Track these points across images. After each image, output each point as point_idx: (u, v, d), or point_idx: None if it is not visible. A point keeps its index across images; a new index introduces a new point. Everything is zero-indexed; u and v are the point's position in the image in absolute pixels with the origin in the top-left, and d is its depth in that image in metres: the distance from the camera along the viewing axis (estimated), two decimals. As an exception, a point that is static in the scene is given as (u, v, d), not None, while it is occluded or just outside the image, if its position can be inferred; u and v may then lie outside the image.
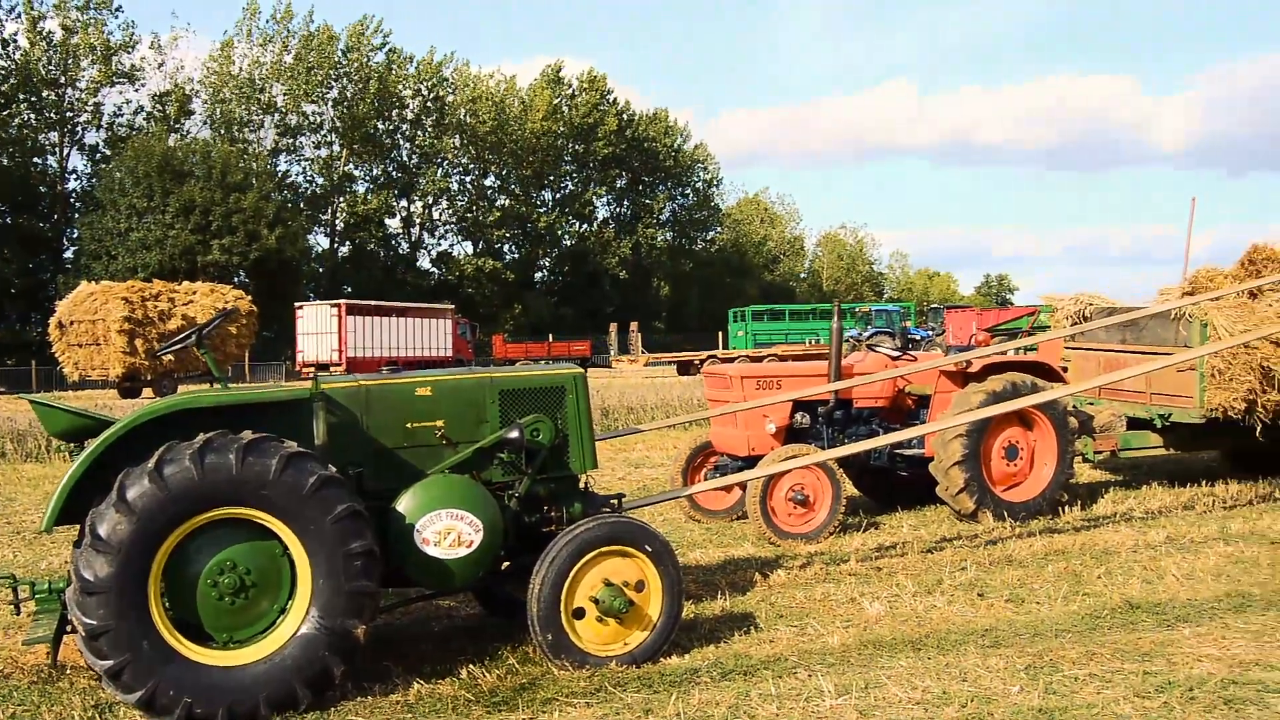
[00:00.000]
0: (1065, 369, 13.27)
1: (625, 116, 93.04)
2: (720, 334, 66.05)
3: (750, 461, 10.83)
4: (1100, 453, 12.82)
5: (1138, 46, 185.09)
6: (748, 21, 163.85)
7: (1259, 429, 12.17)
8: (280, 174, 77.87)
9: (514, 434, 6.71)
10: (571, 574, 6.40)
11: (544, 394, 7.07)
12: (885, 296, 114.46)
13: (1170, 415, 12.55)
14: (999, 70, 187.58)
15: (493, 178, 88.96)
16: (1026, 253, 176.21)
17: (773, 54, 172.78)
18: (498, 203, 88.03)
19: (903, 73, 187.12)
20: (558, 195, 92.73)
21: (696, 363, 51.05)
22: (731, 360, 45.64)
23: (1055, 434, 11.29)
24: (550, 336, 67.87)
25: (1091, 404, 13.45)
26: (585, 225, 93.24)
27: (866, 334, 51.68)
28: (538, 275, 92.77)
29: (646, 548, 6.58)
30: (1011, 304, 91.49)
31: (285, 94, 77.22)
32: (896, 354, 12.19)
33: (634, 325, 66.88)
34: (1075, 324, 13.51)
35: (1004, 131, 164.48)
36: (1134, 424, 13.13)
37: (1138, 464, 15.08)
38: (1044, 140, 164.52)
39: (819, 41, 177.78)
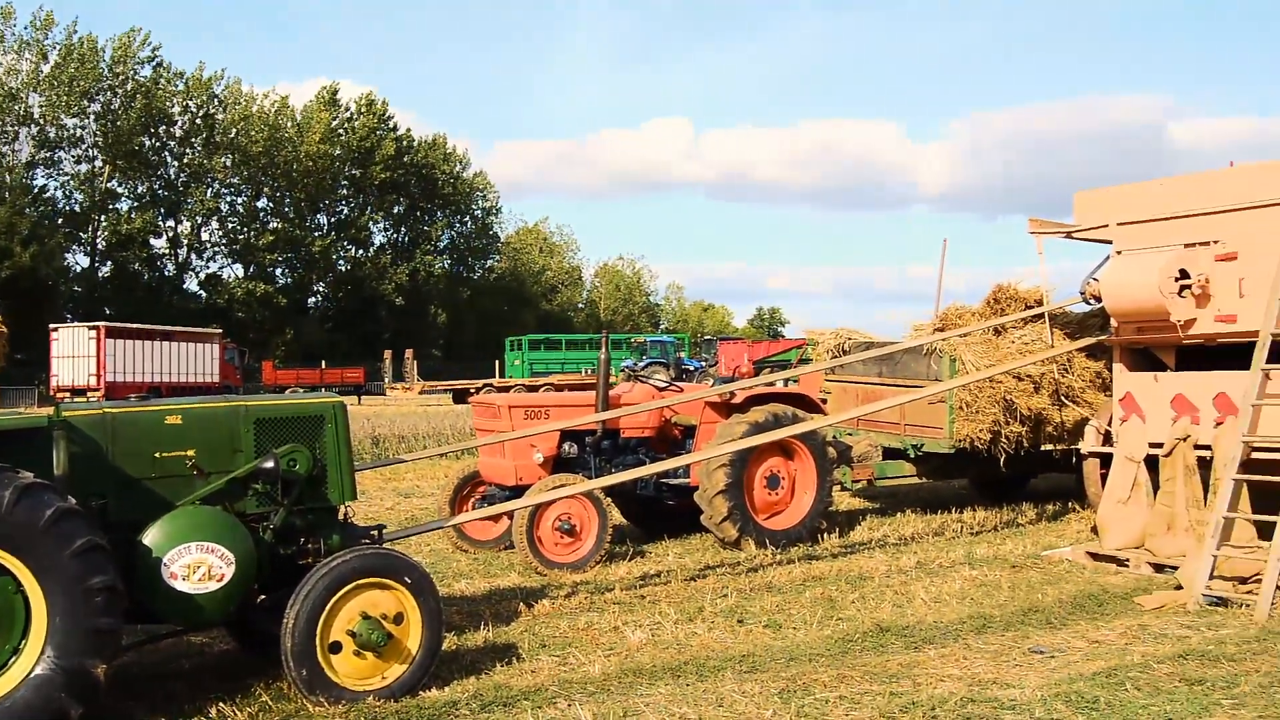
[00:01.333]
0: (825, 400, 13.72)
1: (404, 142, 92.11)
2: (497, 362, 65.81)
3: (518, 491, 10.81)
4: (858, 481, 13.30)
5: (901, 94, 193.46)
6: (528, 54, 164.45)
7: (1003, 458, 12.83)
8: (37, 189, 74.14)
9: (269, 464, 6.55)
10: (328, 607, 6.26)
11: (302, 423, 6.91)
12: (661, 328, 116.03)
13: (922, 445, 13.10)
14: (773, 111, 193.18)
15: (265, 199, 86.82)
16: (798, 287, 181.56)
17: (553, 87, 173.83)
18: (270, 225, 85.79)
19: (680, 110, 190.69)
20: (333, 219, 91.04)
21: (473, 391, 50.77)
22: (508, 389, 45.60)
23: (815, 463, 11.65)
24: (323, 363, 66.32)
25: (850, 434, 13.95)
26: (361, 250, 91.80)
27: (641, 364, 52.28)
28: (311, 300, 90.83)
29: (406, 579, 6.49)
30: (783, 336, 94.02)
31: (44, 105, 73.64)
32: (663, 385, 12.39)
33: (409, 353, 66.11)
34: (834, 357, 14.00)
35: (777, 170, 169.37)
36: (889, 454, 13.68)
37: (893, 492, 15.69)
38: (815, 179, 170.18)
39: (598, 76, 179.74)
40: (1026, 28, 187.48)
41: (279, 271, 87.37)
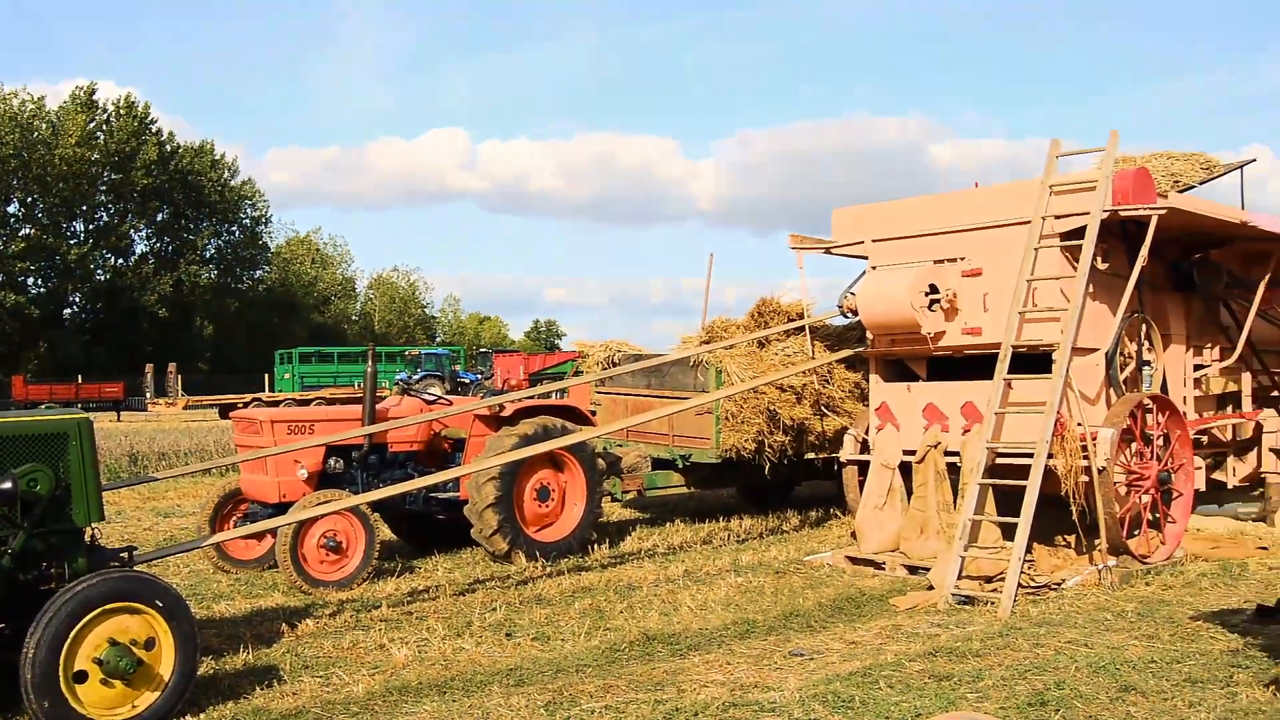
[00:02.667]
0: (594, 412, 13.83)
1: (168, 147, 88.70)
2: (267, 376, 63.92)
3: (281, 508, 10.55)
4: (628, 492, 13.44)
5: (676, 110, 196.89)
6: (303, 61, 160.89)
7: (768, 467, 13.17)
8: None
9: (7, 484, 6.20)
10: (71, 635, 5.96)
11: (43, 442, 6.57)
12: (437, 340, 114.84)
13: (691, 456, 13.33)
14: (550, 123, 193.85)
15: (16, 205, 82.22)
16: (576, 300, 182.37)
17: (328, 95, 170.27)
18: (21, 232, 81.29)
19: (457, 120, 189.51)
20: (91, 227, 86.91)
21: (240, 406, 49.20)
22: (277, 403, 44.38)
23: (585, 475, 11.73)
24: (80, 378, 63.24)
25: (620, 446, 14.09)
26: (122, 260, 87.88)
27: (416, 378, 51.65)
28: (67, 312, 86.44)
29: (157, 603, 6.25)
30: (559, 349, 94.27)
31: None
32: (433, 398, 12.28)
33: (172, 366, 63.56)
34: (604, 369, 14.13)
35: (555, 182, 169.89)
36: (659, 464, 13.87)
37: (663, 502, 15.89)
38: (592, 192, 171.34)
39: (375, 85, 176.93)
40: (794, 49, 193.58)
41: (31, 281, 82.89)
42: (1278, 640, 7.53)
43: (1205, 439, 12.29)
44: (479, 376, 57.68)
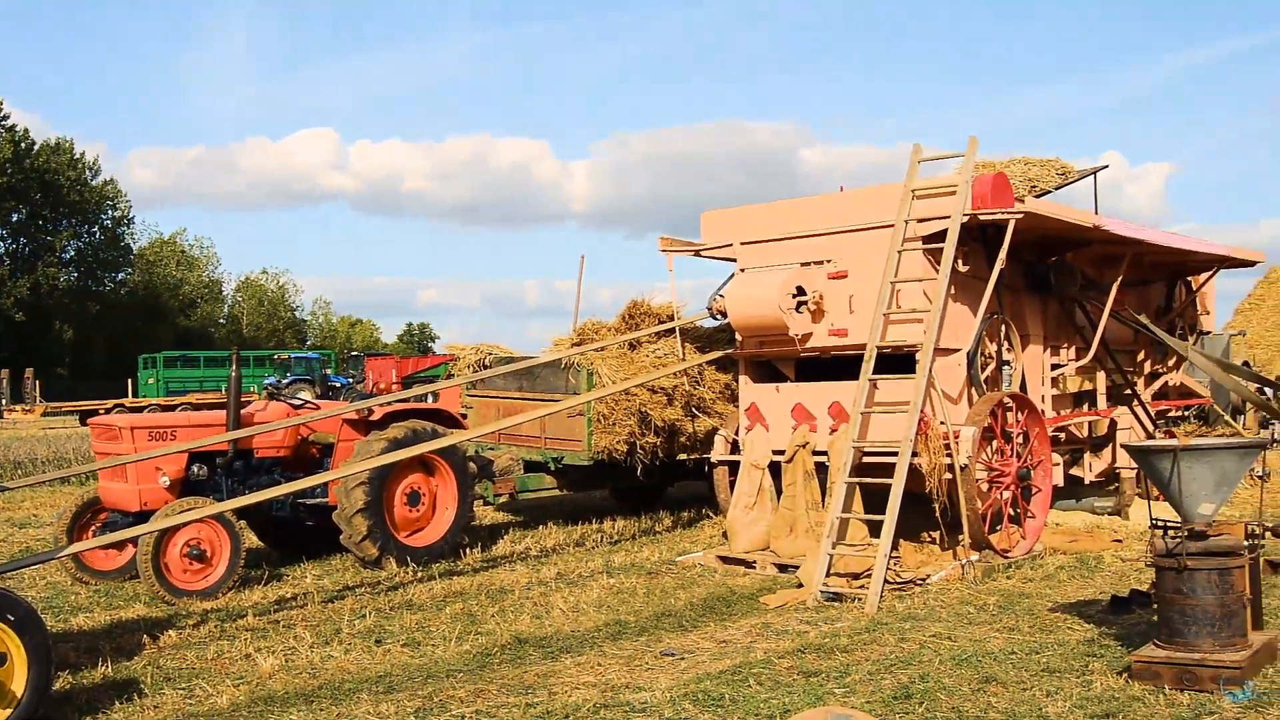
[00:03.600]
0: (465, 415, 13.74)
1: (23, 145, 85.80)
2: (130, 381, 62.25)
3: (143, 516, 10.27)
4: (500, 495, 13.38)
5: (549, 112, 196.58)
6: (168, 59, 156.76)
7: (640, 469, 13.22)
8: None
9: None
10: (-83, 651, 5.76)
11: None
12: (307, 343, 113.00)
13: (563, 458, 13.32)
14: (422, 124, 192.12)
15: None
16: (449, 302, 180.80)
17: (194, 93, 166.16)
18: None
19: (327, 120, 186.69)
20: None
21: (101, 412, 47.83)
22: (141, 409, 43.26)
23: (456, 479, 11.65)
24: (-74, 385, 60.86)
25: (492, 449, 14.03)
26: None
27: (285, 382, 50.78)
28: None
29: (8, 617, 6.04)
30: (433, 352, 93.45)
31: None
32: (299, 403, 12.09)
33: (29, 372, 61.53)
34: (476, 372, 14.06)
35: (427, 184, 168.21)
36: (531, 467, 13.85)
37: (536, 505, 15.87)
38: (465, 194, 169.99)
39: (242, 83, 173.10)
40: (669, 52, 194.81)
41: (-128, 284, 79.53)
42: (1131, 629, 7.79)
43: (1063, 436, 12.66)
44: (350, 380, 56.92)
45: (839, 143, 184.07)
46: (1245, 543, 6.79)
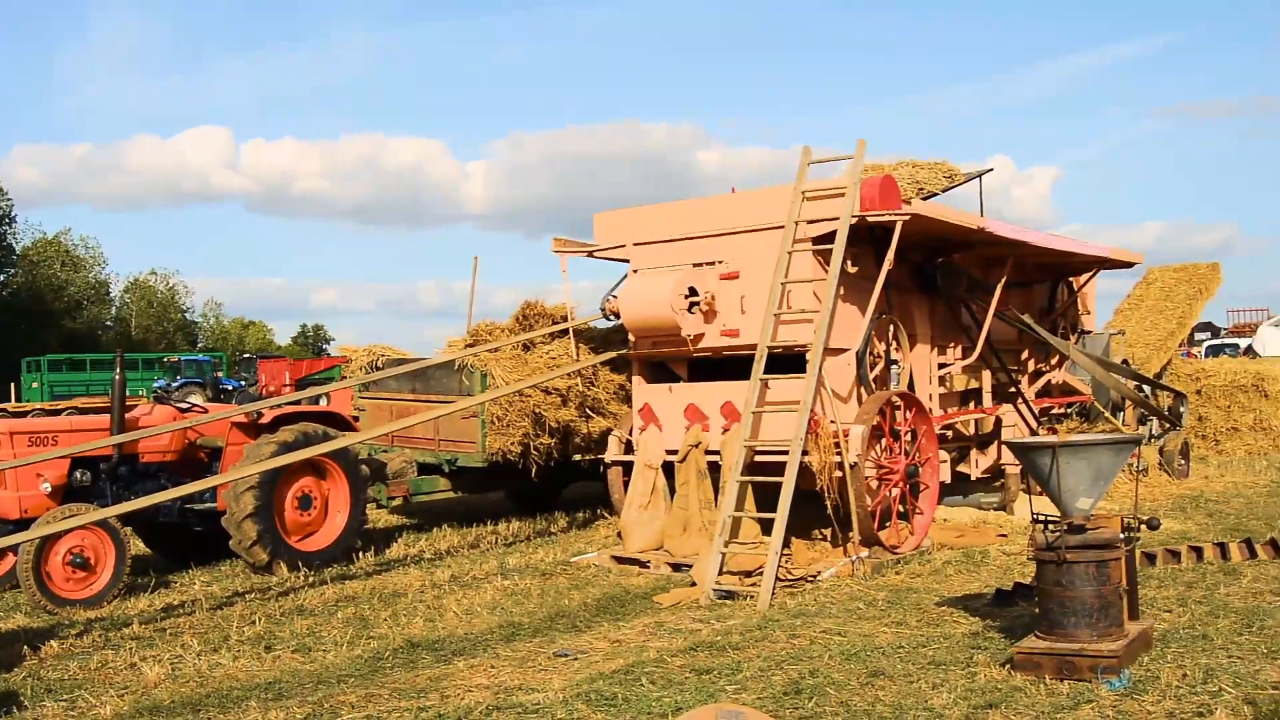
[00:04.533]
0: (357, 418, 13.62)
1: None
2: (13, 385, 60.51)
3: (22, 524, 10.01)
4: (393, 498, 13.29)
5: (445, 111, 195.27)
6: (53, 53, 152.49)
7: (534, 470, 13.22)
8: None
9: None
10: None
11: None
12: (198, 346, 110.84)
13: (457, 460, 13.27)
14: (316, 123, 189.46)
15: None
16: (344, 304, 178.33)
17: (81, 90, 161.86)
18: None
19: (219, 119, 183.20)
20: None
21: (-19, 418, 46.35)
22: (25, 414, 42.05)
23: (348, 482, 11.55)
24: None
25: (385, 451, 13.91)
26: None
27: (176, 385, 49.77)
28: None
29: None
30: (328, 354, 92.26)
31: None
32: (187, 406, 11.89)
33: (-97, 377, 59.60)
34: (368, 374, 13.93)
35: (321, 184, 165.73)
36: (425, 469, 13.75)
37: (431, 507, 15.79)
38: (360, 194, 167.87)
39: (131, 80, 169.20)
40: (566, 52, 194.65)
41: None
42: (1014, 621, 7.96)
43: (950, 434, 12.92)
44: (243, 383, 56.01)
45: (736, 144, 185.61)
46: (1122, 535, 6.99)
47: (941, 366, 12.88)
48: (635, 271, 11.90)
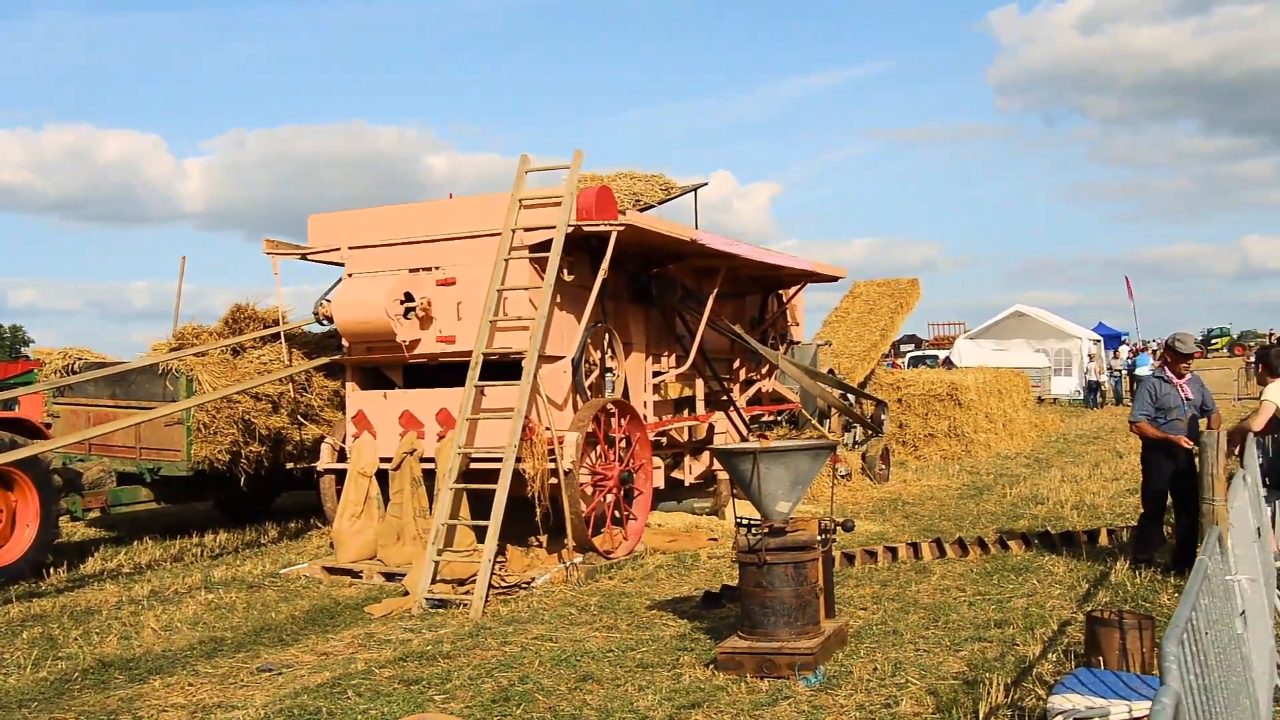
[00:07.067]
0: (50, 425, 12.84)
1: None
2: None
3: None
4: (90, 510, 12.55)
5: (162, 104, 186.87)
6: None
7: (244, 479, 12.78)
8: None
9: None
10: None
11: None
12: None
13: (160, 469, 12.68)
14: (15, 112, 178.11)
15: None
16: (47, 304, 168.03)
17: None
18: None
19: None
20: None
21: None
22: None
23: (38, 493, 10.86)
24: None
25: (81, 460, 13.16)
26: None
27: None
28: None
29: None
30: (26, 357, 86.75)
31: None
32: None
33: None
34: (63, 377, 13.15)
35: (22, 175, 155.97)
36: (125, 479, 13.08)
37: (132, 519, 15.02)
38: (66, 189, 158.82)
39: None
40: (290, 49, 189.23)
41: None
42: (720, 623, 8.20)
43: (664, 440, 13.19)
44: (-77, 388, 52.00)
45: (466, 150, 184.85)
46: (819, 537, 7.29)
47: (656, 374, 13.14)
48: (350, 275, 11.67)
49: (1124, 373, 38.12)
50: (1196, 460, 7.88)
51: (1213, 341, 72.45)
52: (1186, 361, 9.59)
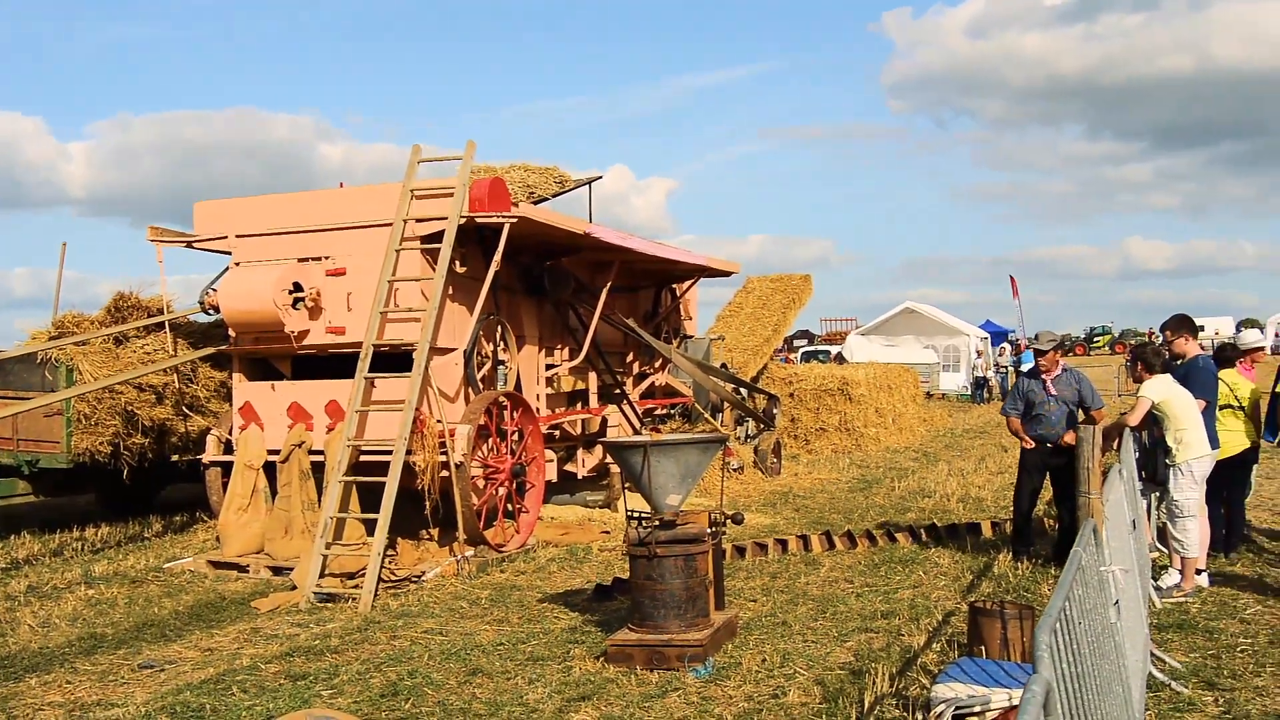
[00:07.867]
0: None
1: None
2: None
3: None
4: (-37, 504, 12.22)
5: (42, 85, 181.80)
6: None
7: (127, 472, 12.49)
8: None
9: None
10: None
11: None
12: None
13: (38, 461, 12.34)
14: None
15: None
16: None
17: None
18: None
19: None
20: None
21: None
22: None
23: (-94, 487, 10.52)
24: None
25: (-47, 454, 12.76)
26: None
27: None
28: None
29: None
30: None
31: None
32: None
33: None
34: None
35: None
36: (1, 471, 12.71)
37: (8, 512, 14.62)
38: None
39: None
40: (179, 32, 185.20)
41: None
42: (612, 615, 8.23)
43: (557, 433, 13.17)
44: None
45: (361, 139, 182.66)
46: (709, 530, 7.34)
47: (549, 368, 13.11)
48: (237, 264, 11.46)
49: (1009, 369, 38.99)
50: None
51: (1095, 339, 74.29)
52: (1044, 358, 9.83)
